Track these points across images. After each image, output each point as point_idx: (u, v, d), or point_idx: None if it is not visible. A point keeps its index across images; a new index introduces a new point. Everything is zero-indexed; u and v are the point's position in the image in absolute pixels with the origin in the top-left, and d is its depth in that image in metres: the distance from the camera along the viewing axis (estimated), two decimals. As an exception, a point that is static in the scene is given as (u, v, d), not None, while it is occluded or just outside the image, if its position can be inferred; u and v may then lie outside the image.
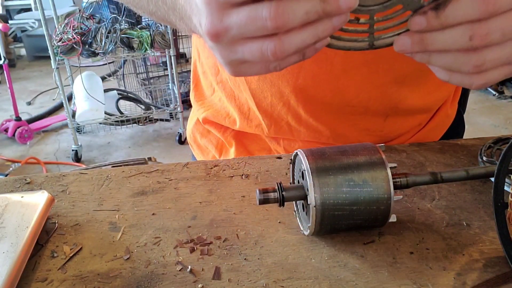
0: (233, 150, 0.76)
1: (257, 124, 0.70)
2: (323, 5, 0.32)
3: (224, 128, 0.76)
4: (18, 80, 4.22)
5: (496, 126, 3.18)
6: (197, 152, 0.83)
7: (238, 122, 0.71)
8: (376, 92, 0.61)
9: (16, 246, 0.49)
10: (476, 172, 0.55)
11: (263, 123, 0.69)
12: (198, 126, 0.79)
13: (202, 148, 0.81)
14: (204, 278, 0.48)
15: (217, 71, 0.70)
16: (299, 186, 0.52)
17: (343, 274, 0.48)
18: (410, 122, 0.68)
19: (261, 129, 0.70)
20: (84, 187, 0.65)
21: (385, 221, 0.52)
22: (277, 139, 0.73)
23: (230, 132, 0.75)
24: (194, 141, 0.81)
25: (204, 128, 0.78)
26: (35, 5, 4.88)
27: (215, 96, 0.74)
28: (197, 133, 0.80)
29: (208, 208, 0.60)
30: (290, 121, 0.68)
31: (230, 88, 0.70)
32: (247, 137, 0.75)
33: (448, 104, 0.72)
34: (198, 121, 0.79)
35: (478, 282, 0.47)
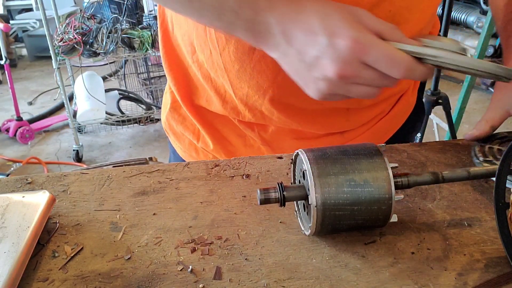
0: (209, 137, 0.75)
1: (233, 107, 0.69)
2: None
3: (200, 112, 0.74)
4: (19, 80, 4.23)
5: (497, 126, 3.17)
6: (173, 139, 0.81)
7: (215, 102, 0.69)
8: None
9: (17, 246, 0.49)
10: (477, 172, 0.55)
11: (238, 107, 0.68)
12: (174, 113, 0.78)
13: (178, 135, 0.80)
14: (205, 278, 0.48)
15: (193, 51, 0.66)
16: (300, 186, 0.52)
17: (344, 274, 0.48)
18: (374, 111, 0.70)
19: (236, 112, 0.69)
20: (85, 187, 0.65)
21: (386, 221, 0.52)
22: (251, 126, 0.72)
23: (204, 116, 0.74)
24: (170, 128, 0.80)
25: (180, 114, 0.76)
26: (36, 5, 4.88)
27: (190, 71, 0.71)
28: (173, 121, 0.78)
29: (209, 208, 0.60)
30: (264, 111, 0.68)
31: (206, 70, 0.68)
32: (222, 123, 0.74)
33: (410, 92, 0.74)
34: (173, 106, 0.77)
35: (479, 282, 0.47)
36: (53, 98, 3.83)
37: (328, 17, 0.44)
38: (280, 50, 0.47)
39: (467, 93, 2.44)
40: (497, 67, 0.46)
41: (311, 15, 0.45)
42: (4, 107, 3.73)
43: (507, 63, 0.67)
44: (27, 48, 4.80)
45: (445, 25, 2.07)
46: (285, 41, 0.46)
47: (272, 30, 0.46)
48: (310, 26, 0.44)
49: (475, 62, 0.46)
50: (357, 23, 0.44)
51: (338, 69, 0.44)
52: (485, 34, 2.31)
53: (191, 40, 0.66)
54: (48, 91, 4.02)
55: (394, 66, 0.43)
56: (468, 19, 4.70)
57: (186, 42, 0.68)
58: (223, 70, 0.64)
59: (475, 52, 2.38)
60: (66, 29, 2.62)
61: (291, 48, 0.46)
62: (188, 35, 0.66)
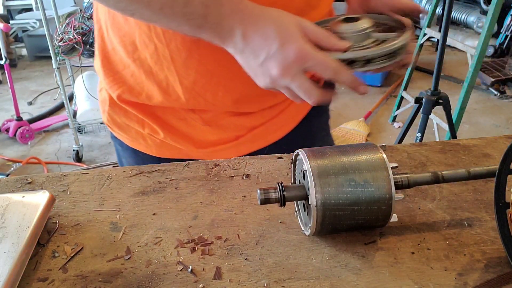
0: (153, 125, 0.78)
1: (176, 97, 0.73)
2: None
3: (140, 106, 0.77)
4: (19, 80, 4.23)
5: (498, 126, 3.17)
6: (118, 132, 0.83)
7: (156, 97, 0.74)
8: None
9: (17, 246, 0.49)
10: (477, 172, 0.55)
11: (182, 97, 0.72)
12: (115, 108, 0.80)
13: (122, 126, 0.82)
14: (205, 278, 0.48)
15: (134, 49, 0.71)
16: (300, 186, 0.52)
17: (344, 274, 0.48)
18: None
19: (179, 102, 0.73)
20: (85, 187, 0.65)
21: (386, 221, 0.52)
22: (194, 110, 0.76)
23: (145, 108, 0.77)
24: (113, 122, 0.82)
25: (121, 108, 0.79)
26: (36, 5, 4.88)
27: (127, 71, 0.75)
28: (115, 115, 0.81)
29: (209, 208, 0.59)
30: (208, 97, 0.72)
31: (149, 65, 0.72)
32: (163, 110, 0.77)
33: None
34: (113, 102, 0.80)
35: (479, 282, 0.47)
36: (53, 98, 3.82)
37: (282, 27, 0.55)
38: (238, 48, 0.57)
39: (467, 93, 2.44)
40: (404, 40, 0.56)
41: (268, 23, 0.55)
42: (4, 107, 3.73)
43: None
44: (27, 48, 4.80)
45: (445, 25, 2.07)
46: (244, 42, 0.56)
47: (234, 33, 0.56)
48: (266, 33, 0.55)
49: (383, 49, 0.55)
50: (303, 35, 0.55)
51: (281, 70, 0.55)
52: (485, 34, 2.31)
53: (133, 39, 0.70)
54: (48, 91, 4.02)
55: (326, 70, 0.54)
56: (468, 19, 4.70)
57: (126, 43, 0.72)
58: (170, 61, 0.69)
59: (475, 52, 2.38)
60: (66, 29, 2.62)
61: (247, 47, 0.56)
62: (129, 35, 0.71)
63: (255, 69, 0.57)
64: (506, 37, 4.23)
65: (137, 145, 0.82)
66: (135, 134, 0.81)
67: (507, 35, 4.22)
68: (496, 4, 2.26)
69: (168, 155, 0.80)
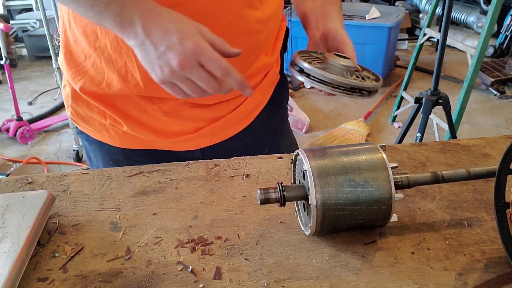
0: (115, 116, 0.79)
1: (135, 84, 0.75)
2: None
3: (101, 97, 0.79)
4: (19, 80, 4.22)
5: (497, 126, 3.17)
6: (83, 125, 0.85)
7: (115, 85, 0.76)
8: None
9: (17, 246, 0.49)
10: (477, 172, 0.55)
11: (140, 83, 0.74)
12: (77, 101, 0.82)
13: (86, 119, 0.84)
14: (205, 278, 0.48)
15: (95, 38, 0.74)
16: (300, 186, 0.52)
17: (344, 274, 0.48)
18: (251, 82, 0.84)
19: (138, 89, 0.75)
20: (85, 187, 0.65)
21: (386, 221, 0.52)
22: (151, 99, 0.78)
23: (106, 100, 0.79)
24: (77, 116, 0.84)
25: (83, 100, 0.81)
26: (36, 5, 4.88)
27: (88, 62, 0.77)
28: (78, 108, 0.83)
29: (209, 208, 0.60)
30: None
31: (109, 53, 0.74)
32: (123, 101, 0.79)
33: (274, 66, 0.91)
34: (75, 95, 0.82)
35: (479, 282, 0.47)
36: (53, 98, 3.82)
37: (181, 25, 0.60)
38: (138, 39, 0.60)
39: (467, 93, 2.44)
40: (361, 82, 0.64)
41: (168, 19, 0.60)
42: (4, 107, 3.73)
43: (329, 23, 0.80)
44: (27, 48, 4.80)
45: (445, 25, 2.07)
46: (144, 34, 0.59)
47: (134, 23, 0.59)
48: (166, 27, 0.59)
49: (339, 79, 0.63)
50: (200, 34, 0.60)
51: (179, 61, 0.58)
52: (485, 34, 2.31)
53: (94, 28, 0.73)
54: (48, 91, 4.02)
55: (218, 67, 0.59)
56: (468, 19, 4.70)
57: (88, 32, 0.75)
58: (128, 47, 0.70)
59: (475, 52, 2.38)
60: (66, 29, 2.61)
61: (147, 40, 0.59)
62: (91, 24, 0.73)
63: (153, 60, 0.60)
64: (506, 37, 4.24)
65: (101, 136, 0.83)
66: (98, 126, 0.82)
67: (507, 35, 4.22)
68: (496, 4, 2.26)
69: (131, 146, 0.82)
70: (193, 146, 0.83)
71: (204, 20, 0.69)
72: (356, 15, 3.76)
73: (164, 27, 0.59)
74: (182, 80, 0.61)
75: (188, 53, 0.58)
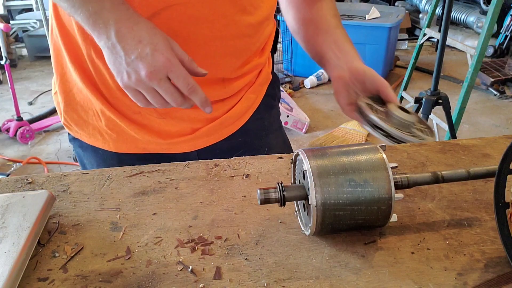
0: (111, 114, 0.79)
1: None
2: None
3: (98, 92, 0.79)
4: (19, 80, 4.22)
5: (497, 126, 3.17)
6: (76, 131, 0.84)
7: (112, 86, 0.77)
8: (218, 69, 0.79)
9: (18, 246, 0.49)
10: (477, 172, 0.55)
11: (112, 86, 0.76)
12: (71, 105, 0.82)
13: (80, 123, 0.83)
14: (205, 278, 0.48)
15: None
16: (300, 186, 0.52)
17: (344, 274, 0.48)
18: (243, 81, 0.86)
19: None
20: (86, 187, 0.65)
21: (386, 221, 0.52)
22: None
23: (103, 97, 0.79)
24: (70, 120, 0.83)
25: (78, 102, 0.81)
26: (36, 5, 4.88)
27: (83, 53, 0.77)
28: (72, 112, 0.82)
29: (209, 208, 0.60)
30: None
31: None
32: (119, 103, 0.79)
33: (266, 66, 0.93)
34: (69, 100, 0.81)
35: (479, 282, 0.47)
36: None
37: (155, 36, 0.61)
38: (109, 42, 0.61)
39: (467, 93, 2.43)
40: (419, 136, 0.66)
41: (143, 29, 0.61)
42: (5, 107, 3.73)
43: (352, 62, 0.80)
44: (27, 48, 4.80)
45: (445, 25, 2.08)
46: (116, 38, 0.60)
47: (108, 26, 0.60)
48: (140, 36, 0.61)
49: (406, 136, 0.65)
50: (172, 49, 0.62)
51: (149, 72, 0.60)
52: (485, 34, 2.31)
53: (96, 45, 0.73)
54: (48, 91, 4.02)
55: (185, 84, 0.61)
56: (468, 19, 4.70)
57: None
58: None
59: (475, 52, 2.38)
60: (66, 29, 2.61)
61: (118, 44, 0.60)
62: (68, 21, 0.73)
63: (121, 66, 0.61)
64: (505, 37, 4.24)
65: (95, 141, 0.83)
66: (92, 130, 0.82)
67: (507, 35, 4.22)
68: (496, 4, 2.26)
69: (126, 150, 0.82)
70: (189, 148, 0.83)
71: (198, 23, 0.71)
72: (356, 15, 3.76)
73: (138, 36, 0.61)
74: (147, 90, 0.62)
75: (159, 66, 0.60)
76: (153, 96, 0.62)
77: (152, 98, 0.63)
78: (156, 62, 0.60)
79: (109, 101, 0.78)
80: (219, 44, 0.76)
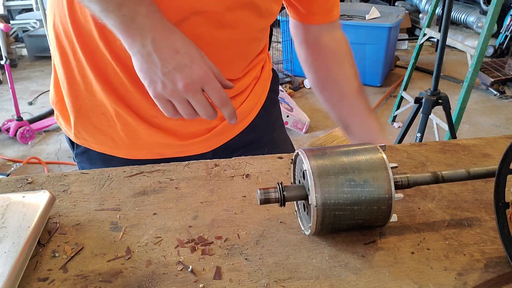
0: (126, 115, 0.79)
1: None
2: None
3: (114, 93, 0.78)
4: (19, 80, 4.23)
5: (497, 126, 3.17)
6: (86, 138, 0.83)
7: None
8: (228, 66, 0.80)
9: (18, 246, 0.49)
10: (477, 172, 0.55)
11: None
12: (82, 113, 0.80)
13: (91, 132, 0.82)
14: (205, 278, 0.48)
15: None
16: (300, 186, 0.52)
17: (344, 274, 0.48)
18: (251, 76, 0.89)
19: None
20: (86, 187, 0.65)
21: (386, 221, 0.52)
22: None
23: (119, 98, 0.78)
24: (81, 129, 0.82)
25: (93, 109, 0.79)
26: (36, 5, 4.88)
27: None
28: (84, 121, 0.81)
29: (209, 208, 0.60)
30: None
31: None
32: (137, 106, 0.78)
33: (267, 60, 0.96)
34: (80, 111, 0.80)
35: (479, 282, 0.47)
36: (53, 98, 3.82)
37: (190, 47, 0.61)
38: (144, 50, 0.59)
39: (467, 93, 2.44)
40: None
41: (178, 39, 0.60)
42: (5, 107, 3.73)
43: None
44: (27, 48, 4.80)
45: (445, 25, 2.08)
46: (152, 47, 0.59)
47: (144, 33, 0.59)
48: (176, 47, 0.60)
49: None
50: (206, 61, 0.62)
51: (186, 84, 0.59)
52: (485, 34, 2.31)
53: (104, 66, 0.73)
54: (48, 91, 4.02)
55: (218, 97, 0.61)
56: (468, 19, 4.70)
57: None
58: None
59: (475, 52, 2.38)
60: (66, 29, 2.61)
61: (155, 53, 0.59)
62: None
63: (156, 75, 0.60)
64: (505, 37, 4.24)
65: (106, 148, 0.82)
66: (103, 137, 0.81)
67: (507, 35, 4.22)
68: (496, 4, 2.26)
69: (139, 156, 0.81)
70: (205, 149, 0.84)
71: (221, 29, 0.72)
72: (356, 15, 3.76)
73: (174, 46, 0.59)
74: (180, 101, 0.61)
75: (196, 78, 0.59)
76: (185, 107, 0.62)
77: (184, 109, 0.62)
78: (194, 74, 0.59)
79: (127, 103, 0.77)
80: (236, 47, 0.77)
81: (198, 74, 0.60)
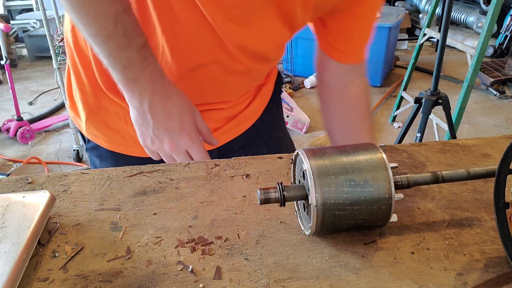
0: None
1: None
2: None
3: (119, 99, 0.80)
4: (19, 80, 4.23)
5: (497, 126, 3.17)
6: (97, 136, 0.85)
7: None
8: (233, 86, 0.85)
9: (18, 246, 0.49)
10: (477, 172, 0.55)
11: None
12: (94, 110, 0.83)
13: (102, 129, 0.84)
14: (205, 278, 0.48)
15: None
16: (300, 186, 0.52)
17: (344, 274, 0.48)
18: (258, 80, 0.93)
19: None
20: (86, 187, 0.65)
21: (386, 221, 0.52)
22: None
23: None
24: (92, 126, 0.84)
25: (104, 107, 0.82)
26: (36, 5, 4.88)
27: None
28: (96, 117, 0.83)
29: (209, 208, 0.60)
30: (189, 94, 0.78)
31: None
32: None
33: (274, 68, 1.00)
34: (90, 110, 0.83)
35: (479, 282, 0.47)
36: (53, 98, 3.83)
37: (184, 113, 0.68)
38: (140, 109, 0.66)
39: (467, 93, 2.44)
40: None
41: (174, 104, 0.67)
42: (5, 107, 3.73)
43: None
44: (27, 48, 4.80)
45: (445, 25, 2.08)
46: (148, 108, 0.66)
47: (143, 95, 0.65)
48: (170, 112, 0.67)
49: None
50: (195, 121, 0.70)
51: (171, 146, 0.69)
52: (485, 34, 2.31)
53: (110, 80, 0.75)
54: (48, 91, 4.02)
55: (200, 158, 0.70)
56: (468, 19, 4.70)
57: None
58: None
59: (475, 52, 2.38)
60: (66, 29, 2.62)
61: (149, 114, 0.66)
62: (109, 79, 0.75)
63: (147, 132, 0.68)
64: (505, 37, 4.24)
65: (116, 146, 0.83)
66: (114, 136, 0.83)
67: (507, 35, 4.23)
68: (495, 4, 2.26)
69: (146, 153, 0.82)
70: (210, 146, 0.85)
71: (233, 75, 0.78)
72: (356, 15, 3.75)
73: (168, 111, 0.66)
74: (165, 155, 0.70)
75: (182, 144, 0.68)
76: (168, 159, 0.71)
77: (167, 160, 0.71)
78: (181, 141, 0.68)
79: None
80: (247, 84, 0.84)
81: (185, 142, 0.68)
